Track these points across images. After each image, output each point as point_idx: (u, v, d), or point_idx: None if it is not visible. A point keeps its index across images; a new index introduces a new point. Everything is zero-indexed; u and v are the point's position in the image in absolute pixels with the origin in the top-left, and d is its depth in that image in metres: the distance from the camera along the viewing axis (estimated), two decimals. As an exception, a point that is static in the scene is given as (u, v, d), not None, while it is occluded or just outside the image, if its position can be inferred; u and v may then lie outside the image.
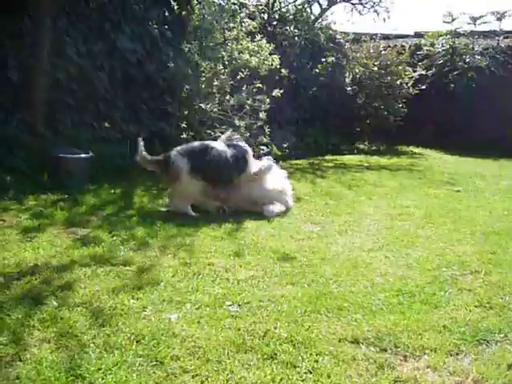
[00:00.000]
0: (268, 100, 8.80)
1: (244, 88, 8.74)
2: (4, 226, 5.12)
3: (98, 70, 9.12)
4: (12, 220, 5.36)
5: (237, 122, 8.67)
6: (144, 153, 5.98)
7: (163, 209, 6.24)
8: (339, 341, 3.10)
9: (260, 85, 8.79)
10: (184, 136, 8.62)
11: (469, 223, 5.94)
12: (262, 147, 7.73)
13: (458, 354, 3.01)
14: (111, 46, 9.32)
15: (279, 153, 10.11)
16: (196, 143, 6.47)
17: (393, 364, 2.88)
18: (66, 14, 8.56)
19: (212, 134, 8.65)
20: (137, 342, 2.99)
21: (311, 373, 2.77)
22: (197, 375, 2.72)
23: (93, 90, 8.99)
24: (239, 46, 8.62)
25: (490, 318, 3.45)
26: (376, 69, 13.47)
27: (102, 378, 2.65)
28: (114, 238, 4.92)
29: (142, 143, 5.98)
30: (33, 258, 4.26)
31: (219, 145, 6.25)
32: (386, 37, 15.31)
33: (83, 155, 7.22)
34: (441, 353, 3.00)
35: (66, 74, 8.56)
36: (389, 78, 13.39)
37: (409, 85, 13.51)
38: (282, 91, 9.07)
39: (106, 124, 9.06)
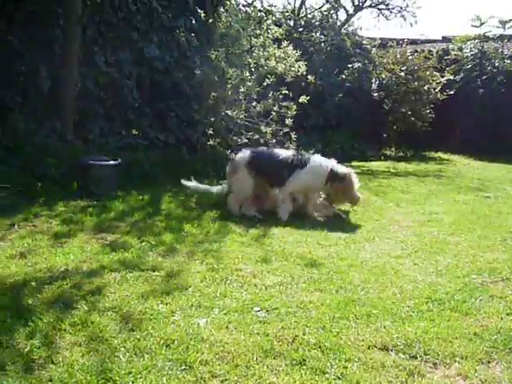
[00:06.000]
0: (294, 106, 8.81)
1: (270, 94, 8.76)
2: (35, 232, 5.20)
3: (127, 78, 9.26)
4: (43, 226, 5.46)
5: (263, 129, 8.69)
6: None
7: (190, 215, 6.28)
8: (368, 347, 3.08)
9: (286, 91, 8.80)
10: (210, 143, 8.67)
11: (499, 229, 5.86)
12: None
13: (489, 362, 2.97)
14: (139, 54, 9.47)
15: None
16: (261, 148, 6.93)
17: (423, 371, 2.85)
18: (94, 24, 8.72)
19: (239, 140, 8.68)
20: (166, 346, 3.02)
21: (340, 379, 2.76)
22: (226, 380, 2.73)
23: (121, 98, 9.13)
24: (265, 53, 8.65)
25: (522, 325, 3.40)
26: (403, 74, 13.40)
27: (133, 382, 2.68)
28: (143, 243, 4.96)
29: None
30: (63, 263, 4.33)
31: (282, 150, 6.60)
32: (413, 42, 15.22)
33: (112, 162, 7.31)
34: (472, 360, 2.96)
35: (94, 82, 8.72)
36: (416, 83, 13.30)
37: (436, 90, 13.41)
38: (308, 97, 9.08)
39: (134, 131, 9.17)
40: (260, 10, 11.05)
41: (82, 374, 2.72)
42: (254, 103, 8.82)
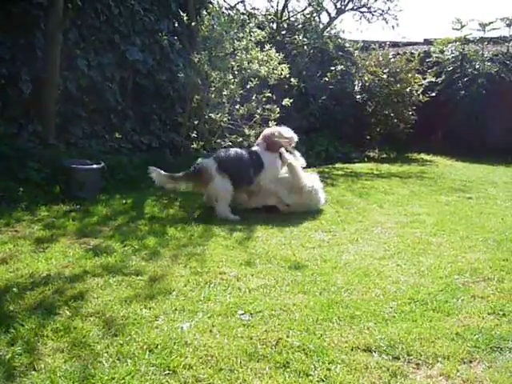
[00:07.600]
0: (278, 109, 8.82)
1: (253, 97, 8.77)
2: (17, 237, 5.15)
3: (109, 81, 9.22)
4: (25, 231, 5.41)
5: (247, 131, 8.69)
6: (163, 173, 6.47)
7: (174, 218, 6.27)
8: (352, 349, 3.09)
9: (269, 94, 8.81)
10: (194, 146, 8.67)
11: (481, 230, 5.91)
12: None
13: (471, 362, 2.99)
14: (121, 57, 9.42)
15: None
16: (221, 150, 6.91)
17: (406, 372, 2.87)
18: (76, 27, 8.67)
19: (222, 143, 8.68)
20: (149, 351, 3.01)
21: (324, 381, 2.77)
22: (209, 384, 2.73)
23: (104, 101, 9.08)
24: (248, 56, 8.64)
25: (504, 325, 3.43)
26: (385, 76, 13.49)
27: (116, 388, 2.67)
28: (126, 247, 4.94)
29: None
30: (45, 268, 4.29)
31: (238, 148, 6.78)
32: (395, 44, 15.33)
33: (95, 166, 7.27)
34: (454, 360, 2.99)
35: (77, 85, 8.66)
36: (398, 85, 13.40)
37: (418, 92, 13.53)
38: (291, 100, 9.10)
39: (117, 135, 9.13)
40: (243, 13, 11.06)
41: (64, 380, 2.70)
42: (238, 106, 8.83)
